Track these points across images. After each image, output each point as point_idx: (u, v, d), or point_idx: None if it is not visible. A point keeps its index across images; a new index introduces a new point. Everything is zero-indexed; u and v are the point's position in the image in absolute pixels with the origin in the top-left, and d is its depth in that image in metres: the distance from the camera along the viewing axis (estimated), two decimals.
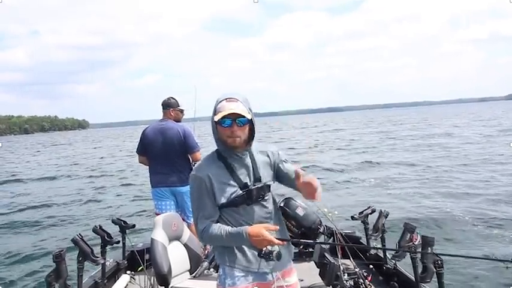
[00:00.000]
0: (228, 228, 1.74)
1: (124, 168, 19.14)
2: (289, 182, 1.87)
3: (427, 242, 2.47)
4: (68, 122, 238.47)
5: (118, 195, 12.03)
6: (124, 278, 3.34)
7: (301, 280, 3.13)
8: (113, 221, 3.47)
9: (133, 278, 3.38)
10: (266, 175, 1.86)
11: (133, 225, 3.52)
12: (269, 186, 1.86)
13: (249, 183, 1.78)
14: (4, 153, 38.88)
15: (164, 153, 3.97)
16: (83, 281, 2.81)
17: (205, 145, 4.34)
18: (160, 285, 2.60)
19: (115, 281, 3.31)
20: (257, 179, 1.81)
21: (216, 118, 1.72)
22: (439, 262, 2.42)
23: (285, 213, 3.81)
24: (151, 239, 2.62)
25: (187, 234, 2.89)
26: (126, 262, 3.58)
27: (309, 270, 3.24)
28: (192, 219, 4.14)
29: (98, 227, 3.06)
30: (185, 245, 2.84)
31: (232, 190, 1.77)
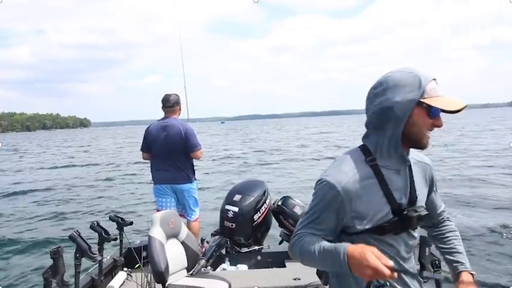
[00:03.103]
0: (325, 244, 1.22)
1: (125, 164, 19.14)
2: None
3: (424, 241, 2.47)
4: (70, 120, 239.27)
5: (116, 192, 12.02)
6: (121, 275, 3.33)
7: (298, 279, 3.14)
8: (111, 218, 3.47)
9: (130, 275, 3.38)
10: (422, 197, 1.36)
11: (131, 222, 3.52)
12: (428, 215, 1.34)
13: (403, 206, 1.28)
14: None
15: (166, 150, 4.00)
16: (80, 278, 2.80)
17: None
18: (157, 283, 2.60)
19: (112, 278, 3.31)
20: (412, 200, 1.30)
21: (446, 106, 1.17)
22: (437, 262, 2.42)
23: (283, 212, 3.82)
24: (149, 236, 2.62)
25: (185, 231, 2.89)
26: (123, 259, 3.58)
27: (306, 269, 3.22)
28: (192, 216, 4.19)
29: (96, 224, 3.06)
30: (182, 243, 2.84)
31: (383, 213, 1.25)
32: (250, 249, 3.87)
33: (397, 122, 1.21)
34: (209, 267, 3.42)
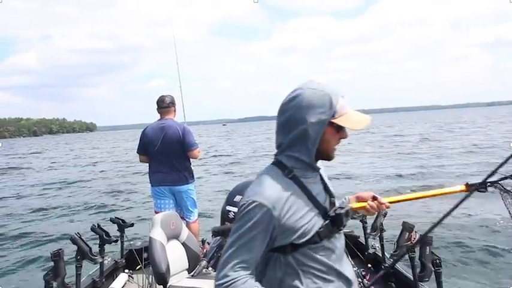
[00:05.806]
0: None
1: (124, 167, 19.13)
2: None
3: (425, 241, 2.46)
4: (76, 124, 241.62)
5: (117, 195, 12.01)
6: (122, 277, 3.33)
7: None
8: (112, 220, 3.47)
9: (132, 277, 3.38)
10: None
11: (132, 224, 3.52)
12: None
13: (328, 208, 1.32)
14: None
15: (163, 152, 3.99)
16: (81, 280, 2.80)
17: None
18: (159, 284, 2.60)
19: (113, 280, 3.31)
20: (332, 202, 1.36)
21: (355, 126, 1.26)
22: (438, 261, 2.42)
23: None
24: (150, 237, 2.62)
25: (185, 233, 2.89)
26: (124, 261, 3.58)
27: None
28: (191, 218, 4.19)
29: (96, 226, 3.06)
30: (183, 244, 2.84)
31: (314, 219, 1.27)
32: None
33: (312, 142, 1.26)
34: (210, 268, 3.41)
